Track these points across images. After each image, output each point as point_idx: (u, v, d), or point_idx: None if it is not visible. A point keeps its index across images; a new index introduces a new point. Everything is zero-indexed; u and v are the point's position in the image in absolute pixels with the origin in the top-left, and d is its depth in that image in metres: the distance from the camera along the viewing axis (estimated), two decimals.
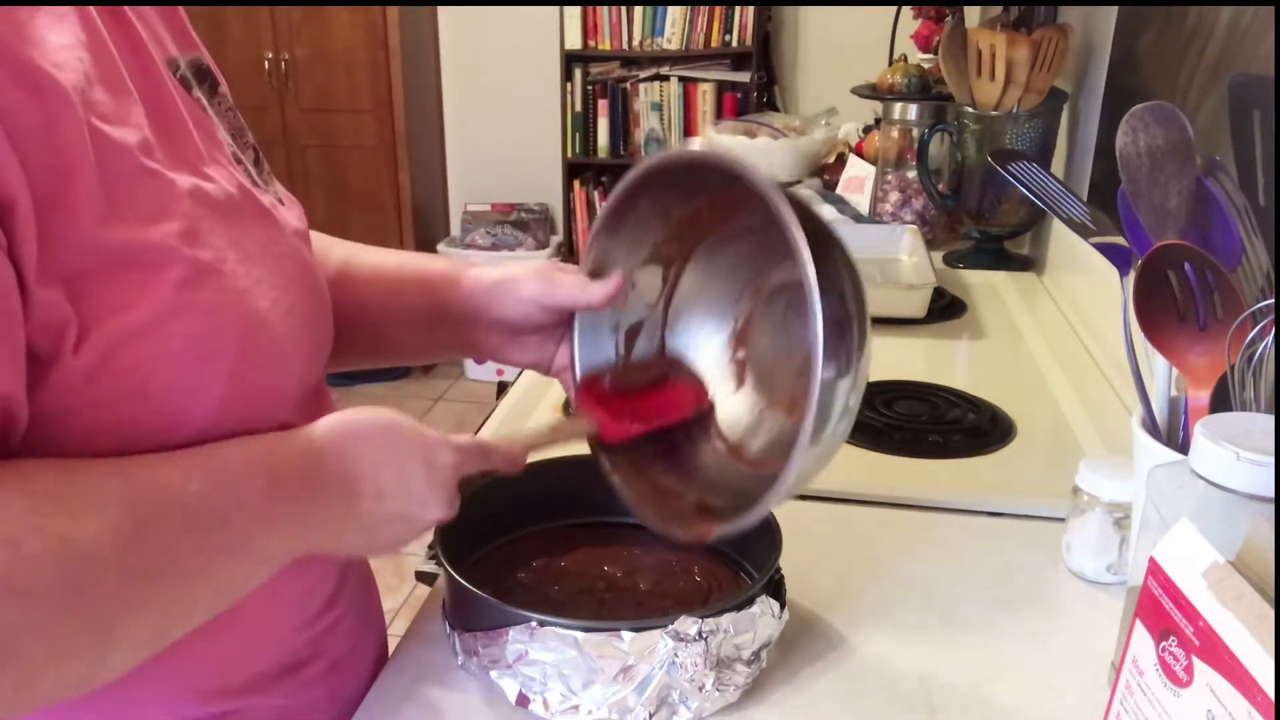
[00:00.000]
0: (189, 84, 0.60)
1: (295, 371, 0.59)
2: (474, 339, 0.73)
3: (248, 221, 0.57)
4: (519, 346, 0.73)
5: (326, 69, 3.56)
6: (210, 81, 0.63)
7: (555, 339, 0.73)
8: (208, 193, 0.54)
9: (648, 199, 0.69)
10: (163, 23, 0.61)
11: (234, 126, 0.64)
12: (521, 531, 0.80)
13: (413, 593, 2.50)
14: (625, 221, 0.70)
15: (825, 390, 0.56)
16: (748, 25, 3.43)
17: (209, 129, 0.59)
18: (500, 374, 3.72)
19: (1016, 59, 1.49)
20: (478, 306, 0.71)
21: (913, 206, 1.75)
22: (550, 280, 0.69)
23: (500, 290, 0.71)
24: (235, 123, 0.64)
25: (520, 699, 0.64)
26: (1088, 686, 0.67)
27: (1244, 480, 0.52)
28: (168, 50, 0.59)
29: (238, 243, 0.55)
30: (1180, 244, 0.65)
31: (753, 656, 0.65)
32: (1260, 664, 0.43)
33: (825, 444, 0.59)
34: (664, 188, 0.68)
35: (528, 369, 0.76)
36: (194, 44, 0.64)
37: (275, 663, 0.64)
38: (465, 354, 0.76)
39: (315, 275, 0.64)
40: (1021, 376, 1.23)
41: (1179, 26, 1.11)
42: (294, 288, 0.59)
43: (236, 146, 0.62)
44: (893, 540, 0.86)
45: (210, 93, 0.62)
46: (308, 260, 0.63)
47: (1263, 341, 0.61)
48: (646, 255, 0.72)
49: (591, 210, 3.79)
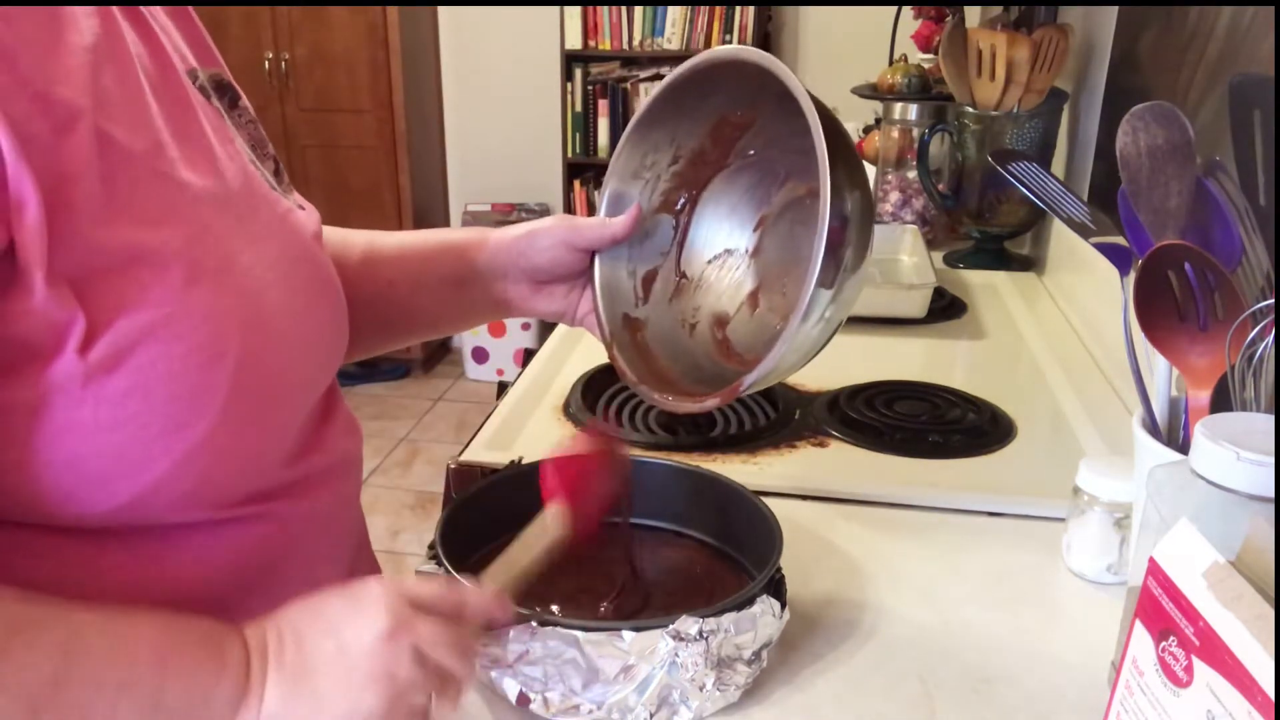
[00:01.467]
0: (207, 94, 0.61)
1: (306, 375, 0.59)
2: (503, 293, 0.78)
3: (261, 226, 0.58)
4: (546, 296, 0.78)
5: (326, 69, 3.56)
6: (231, 95, 0.65)
7: (579, 288, 0.77)
8: (220, 196, 0.55)
9: (659, 135, 0.76)
10: (184, 37, 0.63)
11: (254, 138, 0.66)
12: (521, 531, 0.80)
13: None
14: (640, 163, 0.77)
15: (826, 269, 0.62)
16: (748, 25, 3.43)
17: (226, 135, 0.60)
18: (500, 374, 3.72)
19: (1017, 59, 1.49)
20: (506, 260, 0.76)
21: (913, 206, 1.75)
22: (572, 224, 0.75)
23: (527, 241, 0.76)
24: (256, 134, 0.66)
25: (521, 698, 0.64)
26: (1088, 686, 0.68)
27: (1244, 480, 0.52)
28: (188, 62, 0.61)
29: (250, 246, 0.56)
30: (1180, 244, 0.65)
31: (753, 656, 0.65)
32: (1260, 664, 0.43)
33: (819, 326, 0.66)
34: (672, 119, 0.75)
35: (554, 319, 0.80)
36: (215, 60, 0.66)
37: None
38: (494, 312, 0.79)
39: (331, 280, 0.65)
40: (1021, 376, 1.23)
41: (1179, 26, 1.11)
42: (308, 291, 0.60)
43: (256, 157, 0.63)
44: (893, 540, 0.86)
45: (230, 105, 0.64)
46: (324, 264, 0.65)
47: (1263, 341, 0.61)
48: (657, 204, 0.79)
49: (592, 210, 3.78)
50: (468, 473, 0.95)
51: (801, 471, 0.98)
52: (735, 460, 0.99)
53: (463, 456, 0.98)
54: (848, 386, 1.15)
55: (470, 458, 0.98)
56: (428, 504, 2.91)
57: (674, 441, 1.02)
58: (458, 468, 0.96)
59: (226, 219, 0.55)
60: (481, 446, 1.00)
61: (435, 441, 3.37)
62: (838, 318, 0.67)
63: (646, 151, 0.77)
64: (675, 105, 0.75)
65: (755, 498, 0.75)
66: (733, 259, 0.80)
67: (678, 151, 0.77)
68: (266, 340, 0.55)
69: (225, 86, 0.66)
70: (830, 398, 1.12)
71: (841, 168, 0.63)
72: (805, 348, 0.68)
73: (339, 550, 0.69)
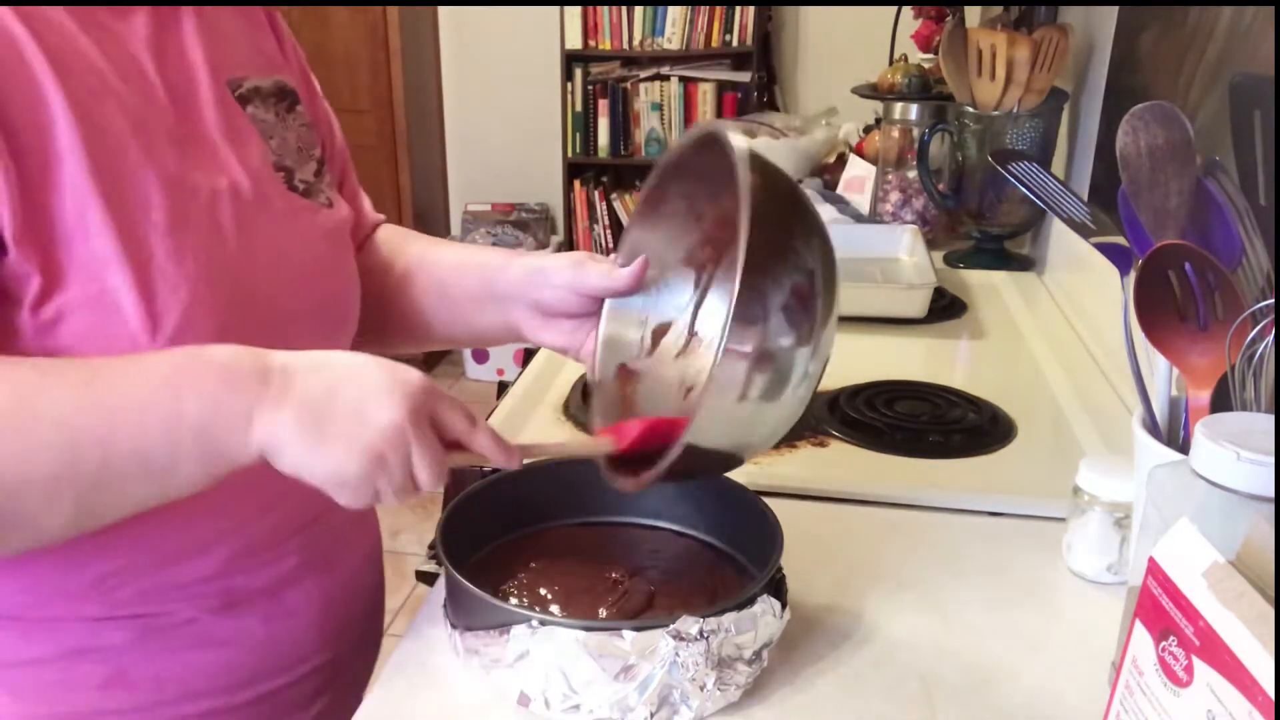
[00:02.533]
0: (247, 100, 0.72)
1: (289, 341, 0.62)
2: (515, 319, 0.79)
3: (261, 220, 0.69)
4: (553, 329, 0.78)
5: (326, 69, 3.55)
6: (290, 100, 0.76)
7: (587, 326, 0.77)
8: (213, 192, 0.66)
9: (676, 193, 0.73)
10: (250, 46, 0.75)
11: (303, 140, 0.76)
12: (522, 531, 0.80)
13: (413, 592, 2.50)
14: (658, 218, 0.74)
15: (735, 346, 0.57)
16: (748, 25, 3.42)
17: (244, 139, 0.70)
18: (500, 374, 3.72)
19: (1017, 59, 1.49)
20: (519, 289, 0.78)
21: (913, 206, 1.75)
22: (581, 267, 0.75)
23: (538, 276, 0.77)
24: (306, 137, 0.77)
25: (521, 698, 0.64)
26: (1088, 686, 0.68)
27: (1244, 480, 0.52)
28: (237, 70, 0.72)
29: (242, 236, 0.66)
30: (1180, 244, 0.65)
31: (754, 656, 0.65)
32: (1260, 664, 0.43)
33: (743, 407, 0.60)
34: (688, 181, 0.72)
35: (559, 351, 0.80)
36: (280, 66, 0.77)
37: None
38: (508, 334, 0.81)
39: (339, 270, 0.77)
40: (1021, 376, 1.23)
41: (1179, 26, 1.11)
42: (307, 278, 0.71)
43: (295, 159, 0.74)
44: (893, 540, 0.86)
45: (287, 110, 0.75)
46: (333, 258, 0.76)
47: (1263, 341, 0.61)
48: (681, 257, 0.76)
49: (592, 210, 3.78)
50: (468, 473, 0.95)
51: (802, 471, 0.98)
52: None
53: None
54: (848, 386, 1.15)
55: None
56: (428, 504, 2.90)
57: None
58: (457, 468, 0.96)
59: (210, 212, 0.65)
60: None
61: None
62: (773, 397, 0.60)
63: (673, 200, 0.73)
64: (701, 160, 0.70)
65: (756, 497, 0.75)
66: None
67: (705, 206, 0.73)
68: (248, 317, 0.66)
69: (285, 92, 0.76)
70: (830, 397, 1.12)
71: (766, 252, 0.57)
72: (729, 426, 0.61)
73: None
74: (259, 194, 0.69)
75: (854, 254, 1.58)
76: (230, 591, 0.72)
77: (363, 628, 0.85)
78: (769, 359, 0.58)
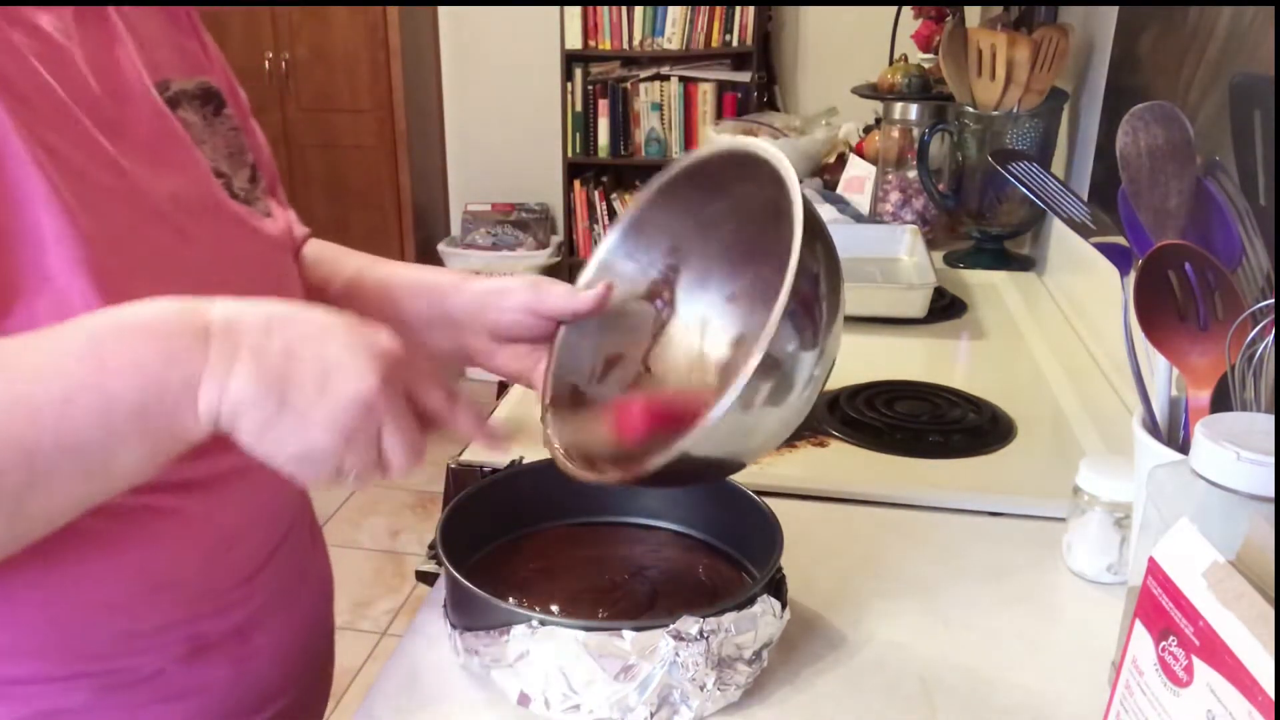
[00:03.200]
0: (176, 103, 0.66)
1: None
2: (467, 343, 0.76)
3: (205, 229, 0.64)
4: (508, 354, 0.75)
5: (326, 69, 3.56)
6: (215, 103, 0.70)
7: (539, 353, 0.74)
8: (151, 198, 0.60)
9: (656, 225, 0.72)
10: (171, 46, 0.68)
11: (233, 145, 0.69)
12: (521, 531, 0.80)
13: (413, 592, 2.50)
14: (635, 244, 0.73)
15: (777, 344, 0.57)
16: (748, 25, 3.43)
17: (181, 144, 0.65)
18: None
19: (1017, 59, 1.49)
20: (473, 311, 0.75)
21: (913, 206, 1.75)
22: (539, 290, 0.72)
23: (494, 297, 0.74)
24: (235, 141, 0.70)
25: (521, 698, 0.64)
26: (1088, 686, 0.68)
27: (1244, 480, 0.52)
28: (162, 72, 0.66)
29: (183, 245, 0.62)
30: (1180, 244, 0.65)
31: (754, 656, 0.65)
32: (1260, 664, 0.43)
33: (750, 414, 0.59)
34: (675, 213, 0.71)
35: (511, 379, 0.77)
36: (204, 68, 0.71)
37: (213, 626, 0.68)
38: (458, 359, 0.77)
39: (287, 281, 0.72)
40: (1021, 376, 1.23)
41: (1179, 26, 1.11)
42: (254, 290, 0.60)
43: (228, 165, 0.68)
44: (893, 540, 0.86)
45: (213, 113, 0.69)
46: (282, 268, 0.71)
47: (1263, 341, 0.61)
48: (643, 290, 0.75)
49: (592, 210, 3.78)
50: (468, 473, 0.95)
51: (802, 471, 0.98)
52: None
53: (463, 456, 0.98)
54: (848, 386, 1.15)
55: (470, 458, 0.98)
56: (428, 504, 2.91)
57: None
58: (458, 468, 0.96)
59: (154, 220, 0.60)
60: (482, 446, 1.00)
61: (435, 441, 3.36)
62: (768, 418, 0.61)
63: (647, 232, 0.73)
64: (686, 193, 0.70)
65: (756, 497, 0.75)
66: (704, 371, 0.74)
67: (675, 245, 0.73)
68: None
69: (211, 94, 0.69)
70: (830, 397, 1.12)
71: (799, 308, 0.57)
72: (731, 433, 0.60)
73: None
74: (208, 201, 0.65)
75: (854, 254, 1.58)
76: (197, 637, 0.67)
77: (320, 664, 0.81)
78: (778, 366, 0.58)
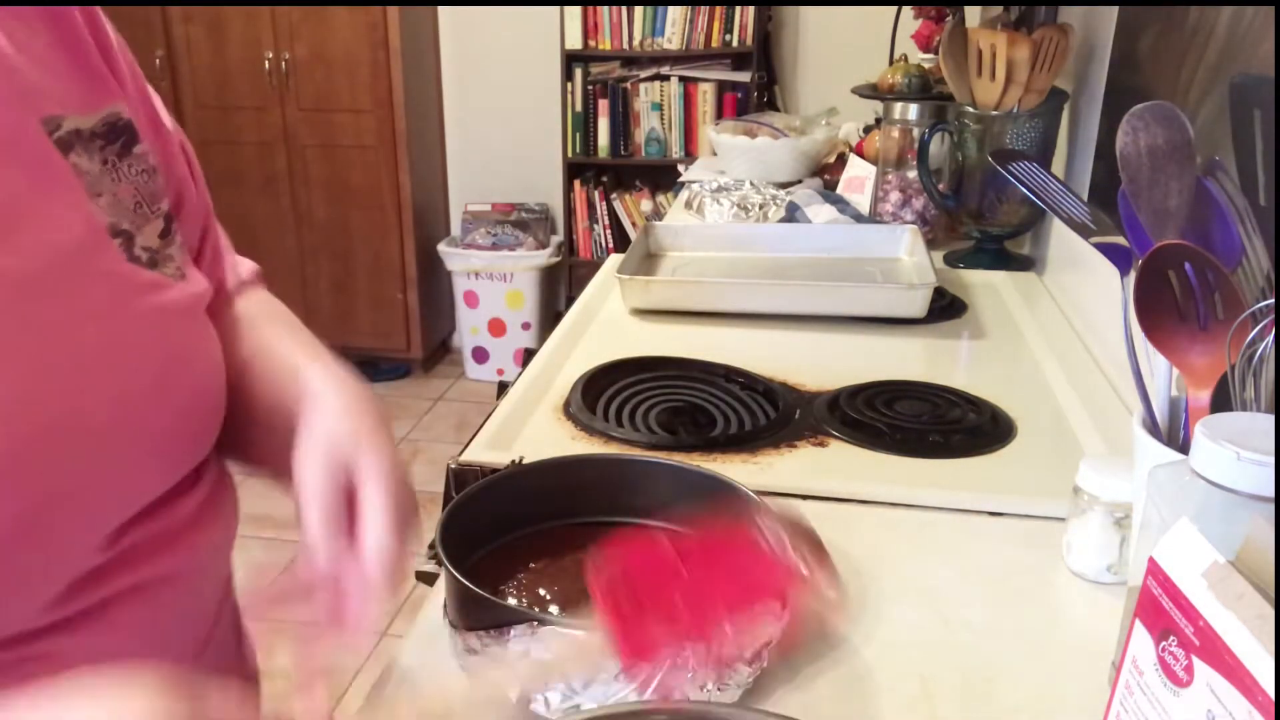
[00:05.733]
0: (69, 146, 0.54)
1: (120, 464, 0.52)
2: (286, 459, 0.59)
3: (67, 306, 0.52)
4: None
5: (326, 69, 3.56)
6: (124, 139, 0.57)
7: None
8: (18, 273, 0.50)
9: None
10: (68, 74, 0.56)
11: (143, 192, 0.58)
12: (521, 531, 0.80)
13: (413, 592, 2.50)
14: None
15: None
16: (748, 25, 3.42)
17: (65, 197, 0.53)
18: (500, 374, 3.72)
19: (1017, 59, 1.49)
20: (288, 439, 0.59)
21: (913, 206, 1.75)
22: (311, 549, 0.55)
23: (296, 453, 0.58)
24: (147, 188, 0.58)
25: (521, 698, 0.63)
26: (1088, 686, 0.68)
27: (1244, 480, 0.52)
28: (47, 107, 0.53)
29: (21, 333, 0.49)
30: (1180, 244, 0.65)
31: (754, 656, 0.65)
32: (1260, 664, 0.43)
33: None
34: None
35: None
36: (108, 94, 0.58)
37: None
38: (275, 477, 0.62)
39: (197, 361, 0.59)
40: (1021, 376, 1.23)
41: (1179, 26, 1.11)
42: (154, 379, 0.53)
43: (132, 220, 0.57)
44: (893, 540, 0.86)
45: (119, 153, 0.57)
46: (184, 341, 0.58)
47: (1263, 341, 0.61)
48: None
49: (592, 210, 3.78)
50: (468, 473, 0.95)
51: (802, 471, 0.98)
52: (735, 460, 0.99)
53: (463, 456, 0.98)
54: (848, 386, 1.15)
55: (470, 458, 0.98)
56: (428, 504, 2.89)
57: (674, 441, 1.02)
58: (458, 468, 0.96)
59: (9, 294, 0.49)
60: (481, 446, 1.00)
61: (435, 441, 3.36)
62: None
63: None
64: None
65: (756, 497, 0.75)
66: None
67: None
68: (40, 450, 0.48)
69: (118, 129, 0.57)
70: (830, 397, 1.12)
71: None
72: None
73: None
74: (84, 270, 0.53)
75: (854, 254, 1.58)
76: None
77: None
78: None
